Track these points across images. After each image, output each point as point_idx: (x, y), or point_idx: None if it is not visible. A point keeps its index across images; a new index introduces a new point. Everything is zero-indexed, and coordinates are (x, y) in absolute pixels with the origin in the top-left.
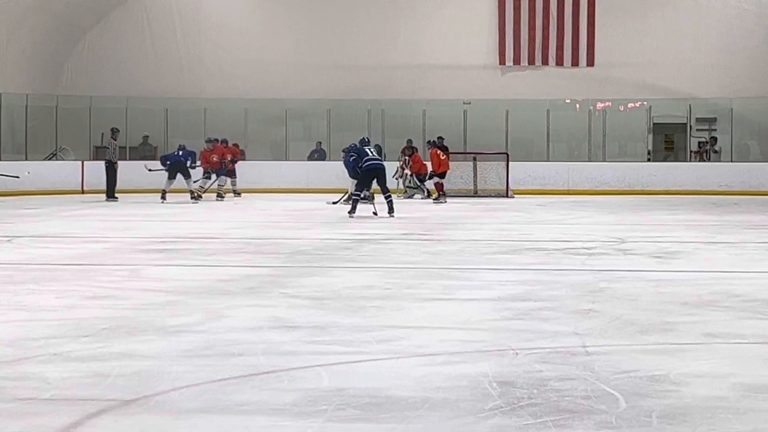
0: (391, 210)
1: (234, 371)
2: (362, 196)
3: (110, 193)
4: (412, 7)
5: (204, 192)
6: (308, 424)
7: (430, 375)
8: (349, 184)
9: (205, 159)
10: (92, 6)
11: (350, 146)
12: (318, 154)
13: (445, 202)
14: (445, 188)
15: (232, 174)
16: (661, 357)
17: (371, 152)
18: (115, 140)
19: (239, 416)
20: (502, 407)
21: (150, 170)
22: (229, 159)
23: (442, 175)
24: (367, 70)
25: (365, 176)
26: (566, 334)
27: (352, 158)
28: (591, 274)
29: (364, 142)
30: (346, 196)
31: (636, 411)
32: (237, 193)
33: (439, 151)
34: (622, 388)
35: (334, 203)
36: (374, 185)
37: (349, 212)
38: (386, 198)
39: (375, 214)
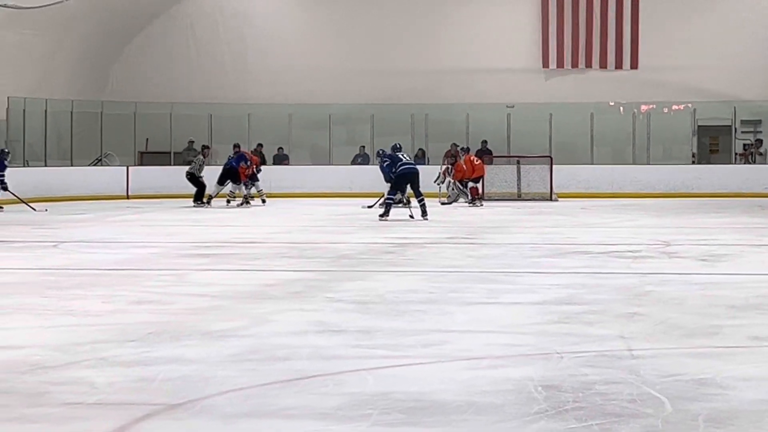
0: (424, 213)
1: (279, 376)
2: (397, 200)
3: (197, 197)
4: (455, 12)
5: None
6: (353, 428)
7: (475, 379)
8: (385, 188)
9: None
10: (137, 13)
11: (381, 151)
12: (361, 159)
13: (481, 205)
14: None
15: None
16: (707, 360)
17: (405, 157)
18: (204, 157)
19: (285, 421)
20: (547, 411)
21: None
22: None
23: (477, 180)
24: (411, 75)
25: (399, 181)
26: (611, 338)
27: (385, 164)
28: (636, 278)
29: (396, 148)
30: (381, 200)
31: (682, 415)
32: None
33: (473, 157)
34: (668, 392)
35: (369, 207)
36: (409, 189)
37: (381, 216)
38: (419, 202)
39: (411, 217)
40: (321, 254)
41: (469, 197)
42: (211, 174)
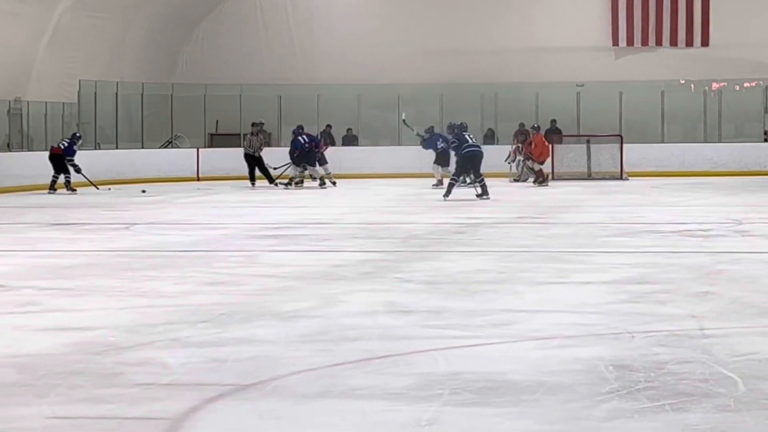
0: (485, 193)
1: (350, 356)
2: (460, 181)
3: (251, 178)
4: None
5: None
6: (424, 409)
7: (546, 359)
8: (432, 168)
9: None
10: None
11: (451, 124)
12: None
13: (547, 185)
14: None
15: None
16: None
17: (471, 139)
18: (255, 135)
19: (356, 401)
20: (618, 391)
21: (275, 168)
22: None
23: (542, 162)
24: (480, 54)
25: (464, 162)
26: (683, 317)
27: (453, 144)
28: (708, 257)
29: (463, 128)
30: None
31: (755, 394)
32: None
33: (544, 138)
34: (741, 371)
35: (434, 186)
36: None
37: (444, 195)
38: (480, 182)
39: (478, 196)
40: (391, 235)
41: (538, 178)
42: (276, 155)
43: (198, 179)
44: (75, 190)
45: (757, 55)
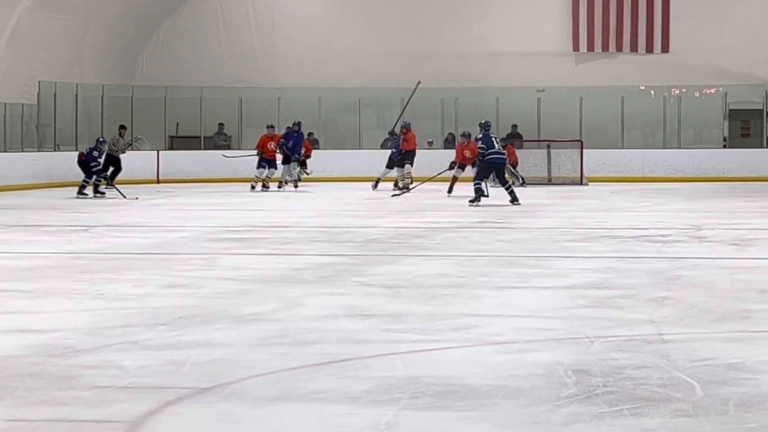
0: (515, 199)
1: (309, 359)
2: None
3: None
4: None
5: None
6: (383, 412)
7: (505, 363)
8: (383, 170)
9: (262, 146)
10: None
11: (484, 123)
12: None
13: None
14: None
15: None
16: (737, 345)
17: (497, 144)
18: (121, 137)
19: (314, 404)
20: (577, 395)
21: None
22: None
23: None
24: (441, 59)
25: (489, 168)
26: (642, 322)
27: (480, 146)
28: (667, 262)
29: (487, 126)
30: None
31: (713, 399)
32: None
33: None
34: (699, 376)
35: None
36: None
37: (473, 201)
38: (507, 189)
39: (511, 202)
40: (351, 238)
41: (521, 180)
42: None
43: (158, 181)
44: (103, 193)
45: (716, 62)
